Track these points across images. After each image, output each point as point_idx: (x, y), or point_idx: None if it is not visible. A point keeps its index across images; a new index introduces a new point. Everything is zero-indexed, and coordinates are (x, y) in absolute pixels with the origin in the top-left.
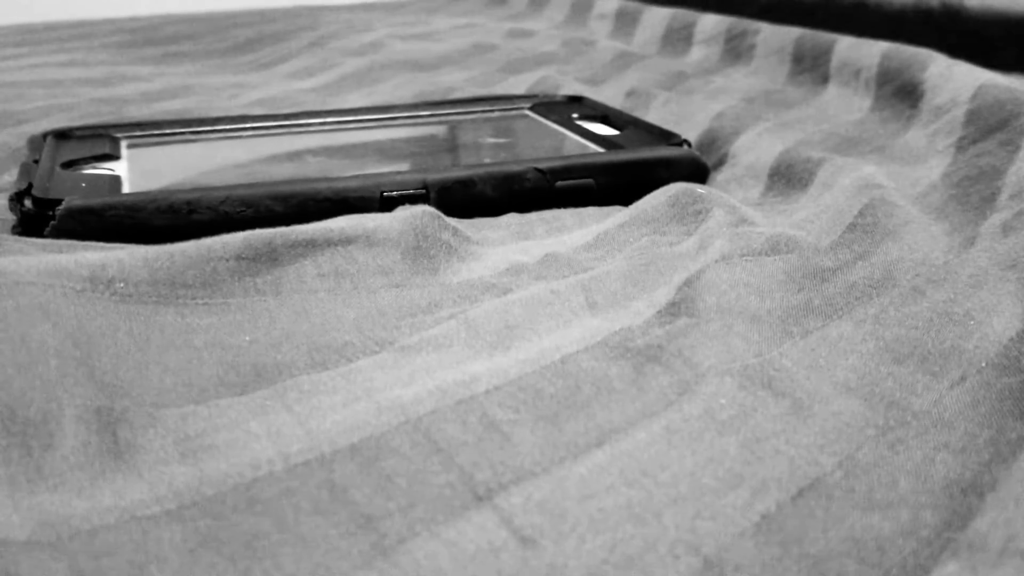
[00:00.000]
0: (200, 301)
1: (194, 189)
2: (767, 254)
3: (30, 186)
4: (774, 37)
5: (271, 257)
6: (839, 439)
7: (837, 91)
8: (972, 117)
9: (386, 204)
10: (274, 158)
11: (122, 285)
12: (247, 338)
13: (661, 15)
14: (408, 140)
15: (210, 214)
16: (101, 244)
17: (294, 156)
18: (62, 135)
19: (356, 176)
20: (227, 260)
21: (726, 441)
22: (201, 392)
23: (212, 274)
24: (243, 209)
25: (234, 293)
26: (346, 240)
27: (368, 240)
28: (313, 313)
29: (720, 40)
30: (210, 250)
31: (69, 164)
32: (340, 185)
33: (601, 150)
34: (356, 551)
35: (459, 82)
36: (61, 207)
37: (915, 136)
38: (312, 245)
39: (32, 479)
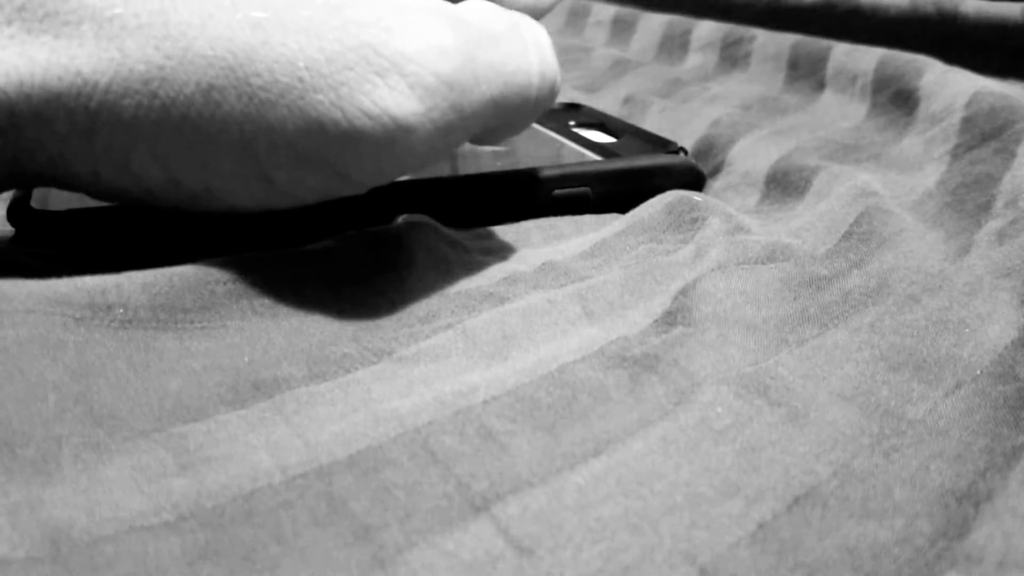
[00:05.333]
0: (198, 325)
1: None
2: (763, 262)
3: (28, 197)
4: (770, 44)
5: (267, 277)
6: (834, 448)
7: (833, 98)
8: (967, 124)
9: (385, 213)
10: None
11: (121, 311)
12: (246, 359)
13: (658, 22)
14: None
15: (205, 220)
16: (101, 254)
17: None
18: None
19: None
20: (224, 283)
21: (722, 450)
22: (200, 412)
23: (210, 297)
24: (243, 217)
25: (232, 316)
26: (342, 254)
27: (365, 252)
28: (311, 331)
29: (716, 47)
30: (207, 273)
31: None
32: None
33: (598, 158)
34: (354, 562)
35: None
36: (59, 216)
37: (911, 143)
38: (309, 262)
39: (33, 506)
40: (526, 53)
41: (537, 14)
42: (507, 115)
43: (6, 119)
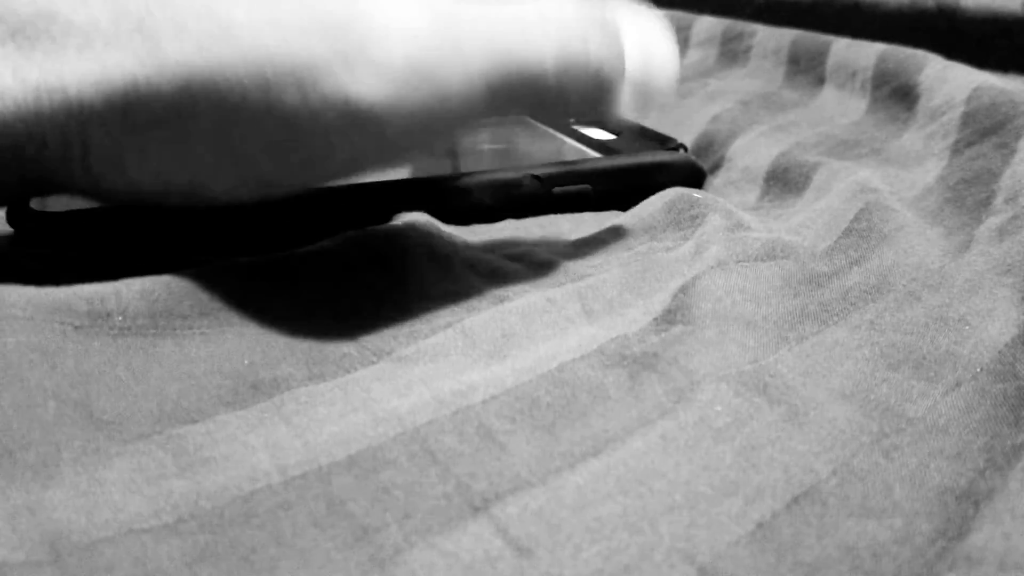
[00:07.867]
0: (197, 331)
1: None
2: (763, 260)
3: (27, 198)
4: (770, 39)
5: (266, 280)
6: (834, 446)
7: (833, 93)
8: (968, 119)
9: (383, 212)
10: None
11: (120, 318)
12: (246, 362)
13: None
14: None
15: (204, 222)
16: (100, 255)
17: None
18: None
19: (353, 184)
20: (222, 288)
21: (722, 449)
22: (199, 413)
23: (209, 302)
24: (240, 217)
25: (231, 320)
26: (342, 254)
27: (365, 251)
28: (310, 331)
29: (716, 42)
30: (206, 278)
31: None
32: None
33: (598, 155)
34: (353, 563)
35: None
36: (59, 217)
37: (911, 138)
38: (308, 263)
39: (33, 509)
40: (536, 28)
41: None
42: (517, 97)
43: (6, 139)
